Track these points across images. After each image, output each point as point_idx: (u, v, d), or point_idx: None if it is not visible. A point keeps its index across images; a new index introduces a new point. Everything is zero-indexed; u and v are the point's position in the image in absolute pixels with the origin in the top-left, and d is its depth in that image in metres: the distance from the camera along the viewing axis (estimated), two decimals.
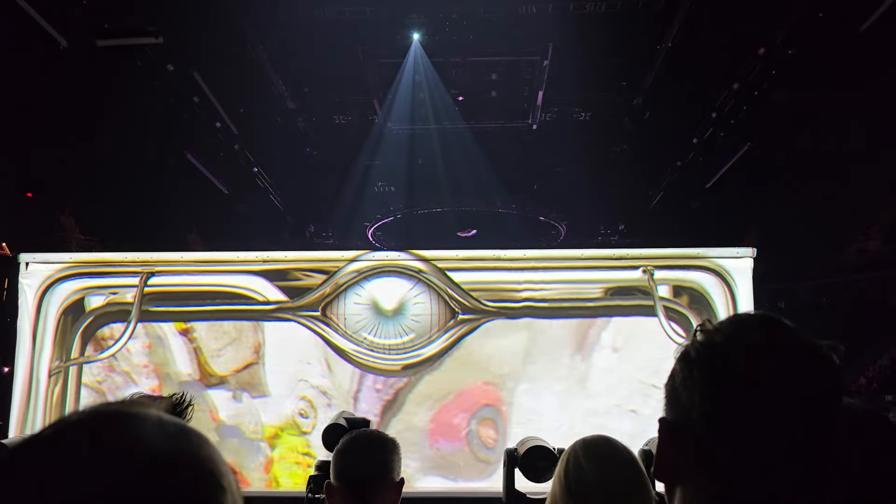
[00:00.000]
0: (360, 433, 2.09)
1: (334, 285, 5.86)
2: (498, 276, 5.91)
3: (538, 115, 7.04)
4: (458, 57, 6.36)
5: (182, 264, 5.94)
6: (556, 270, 5.91)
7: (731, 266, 5.86)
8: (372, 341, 5.82)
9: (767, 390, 0.81)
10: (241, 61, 6.00)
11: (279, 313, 5.85)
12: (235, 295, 5.85)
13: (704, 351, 0.85)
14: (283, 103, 6.67)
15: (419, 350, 5.82)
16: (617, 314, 5.90)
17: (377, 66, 6.44)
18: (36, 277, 5.81)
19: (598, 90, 6.52)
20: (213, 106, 6.49)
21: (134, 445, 0.56)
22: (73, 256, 5.89)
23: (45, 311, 5.80)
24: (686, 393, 0.85)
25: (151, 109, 6.08)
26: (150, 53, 5.70)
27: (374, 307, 5.87)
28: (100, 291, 5.86)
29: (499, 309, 5.87)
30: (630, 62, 6.21)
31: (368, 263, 5.90)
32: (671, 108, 6.57)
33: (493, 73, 6.63)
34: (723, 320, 0.89)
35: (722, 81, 6.43)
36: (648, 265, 5.86)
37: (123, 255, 5.89)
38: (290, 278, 5.90)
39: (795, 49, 5.81)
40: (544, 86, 6.55)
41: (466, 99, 6.97)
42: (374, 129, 7.16)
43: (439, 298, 5.87)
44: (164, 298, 5.87)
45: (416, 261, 5.91)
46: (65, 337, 5.81)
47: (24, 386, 5.71)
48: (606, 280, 5.92)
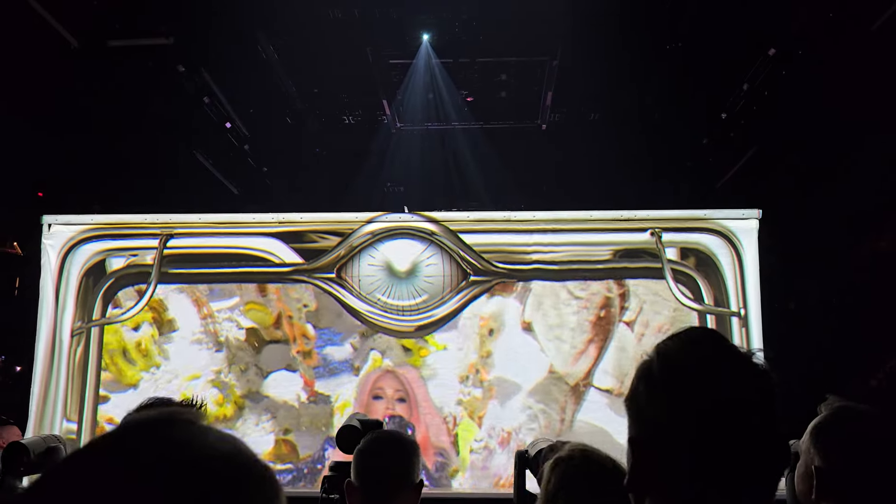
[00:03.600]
0: (382, 434, 2.15)
1: (349, 247, 5.99)
2: (508, 238, 6.04)
3: (548, 116, 7.08)
4: (467, 57, 6.41)
5: (200, 226, 6.08)
6: (565, 233, 6.02)
7: (737, 227, 5.97)
8: (386, 303, 5.96)
9: (729, 404, 0.90)
10: (251, 62, 6.04)
11: (295, 275, 5.99)
12: (253, 257, 5.99)
13: (666, 371, 0.93)
14: (292, 103, 6.72)
15: (432, 311, 5.95)
16: (625, 276, 6.02)
17: (386, 67, 6.47)
18: (58, 239, 5.95)
19: (608, 90, 6.54)
20: (223, 106, 6.56)
21: (205, 448, 0.58)
22: (95, 218, 6.03)
23: (68, 273, 5.94)
24: (651, 411, 0.93)
25: (162, 109, 6.15)
26: (161, 54, 5.78)
27: (388, 269, 6.00)
28: (120, 253, 6.01)
29: (509, 271, 5.99)
30: (640, 62, 6.24)
31: (382, 225, 6.02)
32: (681, 109, 6.59)
33: (503, 74, 6.67)
34: (676, 339, 0.98)
35: (732, 82, 6.45)
36: (657, 227, 5.97)
37: (143, 217, 6.02)
38: (305, 240, 6.03)
39: (806, 49, 5.84)
40: (554, 86, 6.60)
41: (476, 99, 7.02)
42: (383, 129, 7.20)
43: (451, 260, 6.00)
44: (183, 260, 6.01)
45: (428, 223, 6.03)
46: (86, 298, 5.96)
47: (48, 346, 5.86)
48: (615, 242, 6.03)
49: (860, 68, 5.85)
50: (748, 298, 5.91)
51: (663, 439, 0.91)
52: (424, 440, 5.80)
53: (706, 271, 5.99)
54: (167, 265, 5.98)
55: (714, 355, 0.95)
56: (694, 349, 0.95)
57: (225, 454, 0.59)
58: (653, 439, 0.92)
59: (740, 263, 5.95)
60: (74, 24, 5.37)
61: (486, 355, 5.90)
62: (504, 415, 5.82)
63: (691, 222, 6.04)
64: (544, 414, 5.80)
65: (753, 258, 5.94)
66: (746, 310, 5.91)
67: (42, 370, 5.83)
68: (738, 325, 5.91)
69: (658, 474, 0.91)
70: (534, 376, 5.85)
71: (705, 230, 6.01)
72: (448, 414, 5.83)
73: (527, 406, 5.82)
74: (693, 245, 6.01)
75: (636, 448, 0.94)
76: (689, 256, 6.00)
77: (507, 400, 5.83)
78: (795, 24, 5.64)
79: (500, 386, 5.85)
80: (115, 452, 0.57)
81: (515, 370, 5.86)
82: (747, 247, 5.95)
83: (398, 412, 5.86)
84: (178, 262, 6.01)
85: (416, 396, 5.86)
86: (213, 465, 0.57)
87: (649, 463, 0.92)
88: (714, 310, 5.94)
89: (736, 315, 5.93)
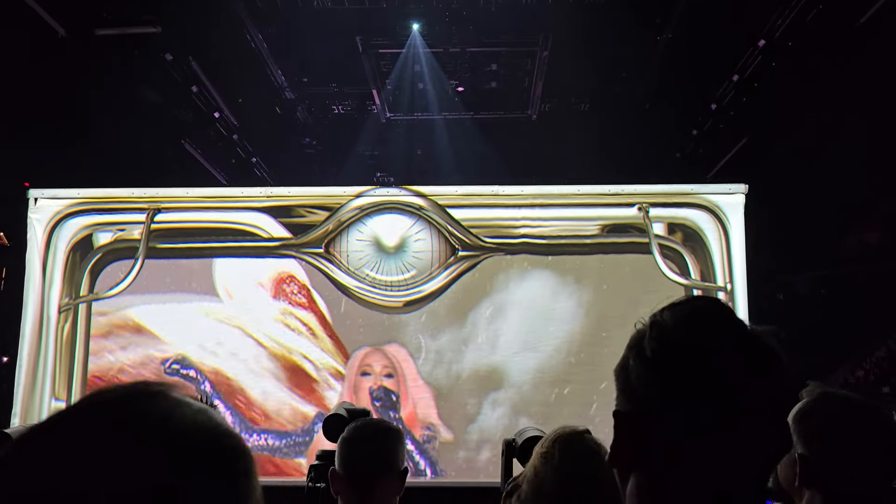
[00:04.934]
0: (367, 422, 2.15)
1: (337, 222, 5.98)
2: (496, 213, 6.05)
3: (537, 106, 7.07)
4: (457, 47, 6.38)
5: (188, 201, 6.05)
6: (553, 208, 6.03)
7: (723, 202, 5.99)
8: (374, 278, 5.96)
9: (724, 385, 0.83)
10: (240, 51, 6.01)
11: (283, 250, 5.98)
12: (241, 232, 5.98)
13: (660, 350, 0.86)
14: (281, 93, 6.69)
15: (420, 286, 5.97)
16: (612, 251, 6.04)
17: (376, 56, 6.45)
18: (45, 213, 5.92)
19: (598, 81, 6.53)
20: (212, 95, 6.52)
21: (183, 421, 0.59)
22: (82, 192, 5.99)
23: (55, 247, 5.91)
24: (643, 389, 0.87)
25: (149, 99, 6.11)
26: (149, 43, 5.73)
27: (377, 244, 6.00)
28: (107, 228, 5.98)
29: (497, 245, 6.01)
30: (630, 53, 6.23)
31: (370, 200, 6.02)
32: (671, 99, 6.61)
33: (493, 64, 6.66)
34: (675, 311, 0.89)
35: (722, 73, 6.46)
36: (644, 202, 5.99)
37: (130, 192, 5.99)
38: (293, 215, 6.02)
39: (795, 41, 5.86)
40: (544, 76, 6.58)
41: (466, 89, 7.00)
42: (373, 119, 7.17)
43: (440, 235, 6.01)
44: (170, 235, 5.99)
45: (416, 198, 6.03)
46: (73, 273, 5.93)
47: (35, 322, 5.83)
48: (603, 217, 6.05)
49: (849, 61, 5.89)
50: (734, 273, 5.95)
51: (652, 416, 0.86)
52: (411, 415, 5.83)
53: (693, 246, 6.02)
54: (154, 240, 5.95)
55: (716, 331, 0.86)
56: (693, 322, 0.87)
57: (202, 426, 0.60)
58: (641, 415, 0.87)
59: (726, 238, 5.98)
60: (61, 12, 5.33)
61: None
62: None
63: (678, 197, 6.06)
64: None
65: (739, 233, 5.97)
66: (732, 284, 5.95)
67: (30, 347, 5.80)
68: (724, 300, 5.94)
69: (644, 451, 0.87)
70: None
71: (692, 205, 6.03)
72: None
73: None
74: (680, 220, 6.04)
75: (622, 422, 0.89)
76: (676, 231, 6.03)
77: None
78: (785, 17, 5.67)
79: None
80: (95, 424, 0.58)
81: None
82: (734, 222, 5.98)
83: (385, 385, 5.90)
84: (165, 236, 5.99)
85: (403, 372, 5.89)
86: (191, 437, 0.59)
87: (635, 439, 0.88)
88: (700, 284, 5.98)
89: (722, 290, 5.97)
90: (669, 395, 0.84)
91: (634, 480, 0.88)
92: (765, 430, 0.85)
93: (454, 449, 5.79)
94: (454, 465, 5.76)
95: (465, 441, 5.78)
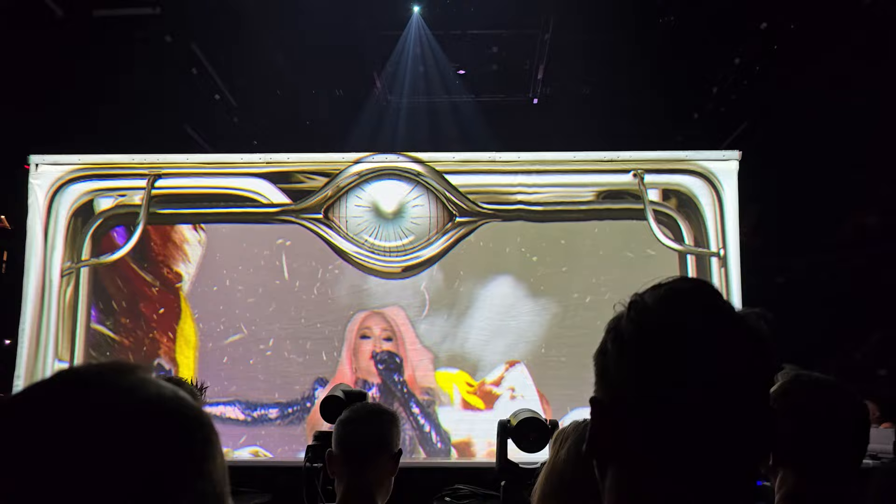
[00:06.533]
0: (363, 405, 2.26)
1: (336, 188, 6.05)
2: (493, 178, 6.11)
3: (539, 89, 7.07)
4: (458, 30, 6.37)
5: (188, 167, 6.11)
6: (549, 174, 6.10)
7: (717, 168, 6.07)
8: (373, 244, 6.04)
9: (705, 367, 0.78)
10: (240, 33, 6.00)
11: (283, 216, 6.05)
12: (240, 198, 6.04)
13: (638, 332, 0.82)
14: (282, 75, 6.68)
15: (418, 252, 6.04)
16: (608, 217, 6.12)
17: (377, 39, 6.43)
18: (46, 178, 5.97)
19: (600, 64, 6.53)
20: (212, 78, 6.52)
21: (149, 396, 0.63)
22: (83, 159, 6.04)
23: (56, 213, 5.97)
24: (619, 375, 0.82)
25: (149, 81, 6.11)
26: (148, 24, 5.73)
27: (375, 210, 6.07)
28: (108, 194, 6.03)
29: (494, 211, 6.08)
30: (631, 36, 6.24)
31: (369, 166, 6.08)
32: (672, 84, 6.62)
33: (494, 47, 6.65)
34: (655, 291, 0.85)
35: (723, 56, 6.46)
36: (639, 169, 6.07)
37: (131, 158, 6.04)
38: (293, 181, 6.08)
39: (798, 23, 5.88)
40: (545, 60, 6.58)
41: (467, 72, 6.99)
42: (374, 101, 7.16)
43: (437, 201, 6.08)
44: (171, 201, 6.06)
45: (414, 164, 6.10)
46: (75, 238, 6.00)
47: (38, 287, 5.91)
48: (598, 184, 6.12)
49: (852, 45, 5.92)
50: (727, 239, 6.03)
51: (629, 404, 0.81)
52: (411, 378, 5.93)
53: (687, 212, 6.09)
54: (155, 205, 6.02)
55: (697, 311, 0.82)
56: (674, 302, 0.83)
57: (167, 399, 0.64)
58: (618, 403, 0.82)
59: (720, 204, 6.05)
60: None
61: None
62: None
63: (673, 163, 6.13)
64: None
65: (733, 199, 6.04)
66: (726, 250, 6.03)
67: (33, 310, 5.88)
68: (717, 266, 6.04)
69: (623, 441, 0.81)
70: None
71: (687, 171, 6.10)
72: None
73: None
74: (674, 186, 6.11)
75: (599, 411, 0.84)
76: (671, 197, 6.11)
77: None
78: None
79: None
80: (62, 398, 0.61)
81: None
82: (727, 188, 6.05)
83: (386, 349, 6.00)
84: (165, 202, 6.05)
85: (402, 336, 5.98)
86: (152, 407, 0.62)
87: (613, 428, 0.83)
88: (694, 250, 6.06)
89: (716, 255, 6.05)
90: (648, 380, 0.80)
91: (613, 473, 0.83)
92: (751, 415, 0.80)
93: (452, 412, 5.90)
94: (458, 430, 5.87)
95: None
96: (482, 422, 5.81)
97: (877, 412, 6.20)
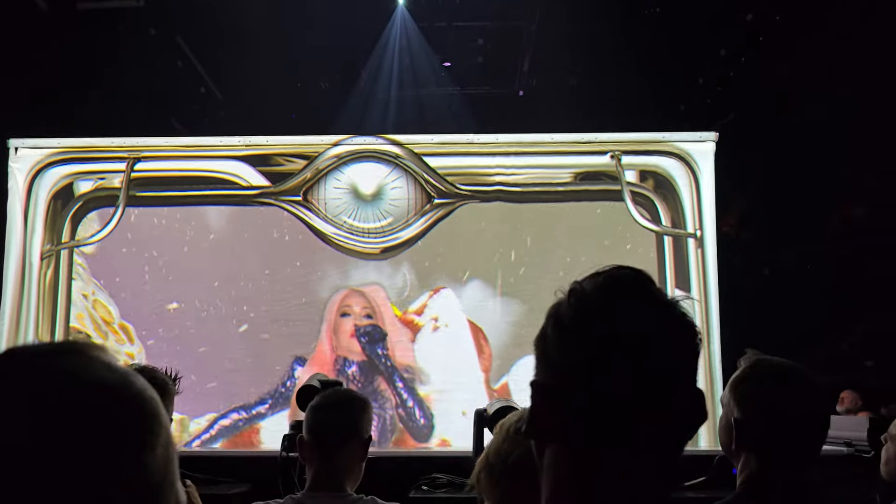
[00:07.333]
0: (333, 391, 2.27)
1: (315, 170, 6.07)
2: (471, 160, 6.15)
3: (525, 82, 7.05)
4: (443, 21, 6.34)
5: (167, 150, 6.13)
6: (527, 156, 6.14)
7: (694, 150, 6.11)
8: (352, 225, 6.08)
9: (638, 352, 0.82)
10: (225, 26, 5.98)
11: (262, 198, 6.08)
12: (219, 180, 6.06)
13: (578, 318, 0.86)
14: (267, 68, 6.65)
15: (397, 234, 6.09)
16: (585, 199, 6.18)
17: (362, 31, 6.40)
18: (25, 162, 5.98)
19: (586, 55, 6.52)
20: (198, 71, 6.49)
21: (90, 379, 0.62)
22: (62, 142, 6.04)
23: (36, 196, 5.99)
24: (559, 358, 0.86)
25: (134, 75, 6.08)
26: (132, 17, 5.70)
27: (354, 192, 6.10)
28: (88, 177, 6.05)
29: (472, 193, 6.12)
30: (617, 27, 6.23)
31: (348, 149, 6.10)
32: (658, 75, 6.61)
33: (480, 39, 6.63)
34: (594, 279, 0.89)
35: (709, 47, 6.45)
36: (616, 150, 6.11)
37: (110, 141, 6.05)
38: (272, 163, 6.10)
39: (783, 15, 5.88)
40: (531, 51, 6.55)
41: (452, 64, 6.96)
42: (359, 94, 7.13)
43: (416, 183, 6.11)
44: (150, 184, 6.07)
45: (393, 146, 6.13)
46: (55, 221, 6.02)
47: (18, 270, 5.94)
48: (576, 165, 6.16)
49: (838, 36, 5.93)
50: (704, 220, 6.09)
51: (565, 385, 0.85)
52: (391, 355, 6.00)
53: (664, 193, 6.14)
54: (135, 188, 6.03)
55: (631, 297, 0.87)
56: (609, 289, 0.87)
57: (110, 384, 0.63)
58: (555, 384, 0.87)
59: (697, 186, 6.10)
60: None
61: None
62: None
63: (650, 145, 6.17)
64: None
65: (710, 180, 6.08)
66: (702, 231, 6.09)
67: (12, 293, 5.92)
68: (693, 247, 6.10)
69: (560, 422, 0.86)
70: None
71: (663, 153, 6.14)
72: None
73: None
74: (652, 168, 6.15)
75: (538, 392, 0.88)
76: (648, 179, 6.15)
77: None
78: None
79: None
80: (2, 377, 0.62)
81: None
82: (704, 169, 6.09)
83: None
84: (145, 185, 6.07)
85: (382, 314, 6.04)
86: (94, 395, 0.62)
87: (550, 410, 0.87)
88: (671, 231, 6.12)
89: (692, 236, 6.11)
90: (584, 363, 0.84)
91: (551, 453, 0.88)
92: (680, 395, 0.85)
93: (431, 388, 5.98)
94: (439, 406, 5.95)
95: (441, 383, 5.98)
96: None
97: (859, 401, 6.32)
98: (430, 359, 5.99)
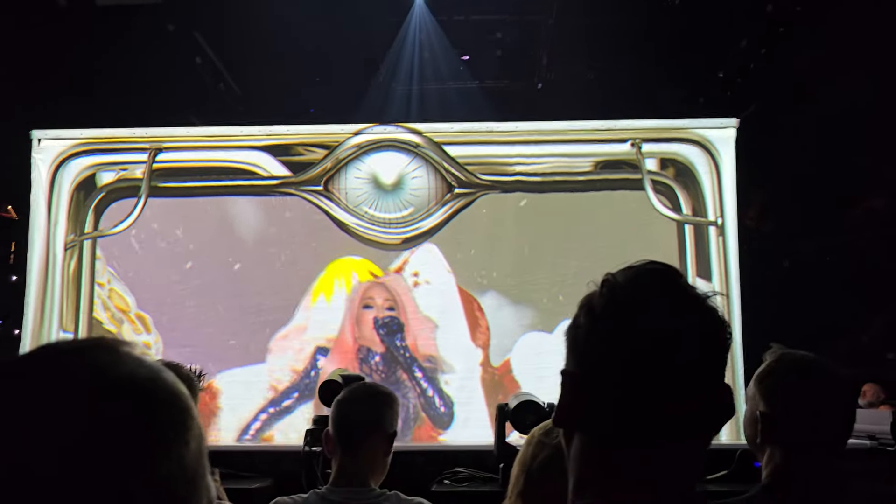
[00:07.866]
0: (360, 385, 2.26)
1: (335, 160, 6.09)
2: (491, 149, 6.15)
3: (544, 75, 7.06)
4: (462, 15, 6.37)
5: (188, 140, 6.17)
6: (547, 144, 6.14)
7: (714, 137, 6.09)
8: (373, 215, 6.09)
9: (668, 345, 0.85)
10: (243, 21, 6.01)
11: (283, 188, 6.10)
12: (240, 171, 6.09)
13: (608, 307, 0.88)
14: (285, 63, 6.68)
15: (418, 223, 6.09)
16: (605, 188, 6.16)
17: (380, 25, 6.43)
18: (48, 153, 6.03)
19: (604, 49, 6.52)
20: (216, 67, 6.53)
21: (122, 374, 0.63)
22: (85, 133, 6.10)
23: (59, 187, 6.04)
24: (590, 347, 0.88)
25: (153, 71, 6.12)
26: (150, 13, 5.75)
27: (374, 182, 6.11)
28: (110, 168, 6.10)
29: (493, 183, 6.12)
30: (636, 20, 6.22)
31: (368, 138, 6.12)
32: (677, 68, 6.60)
33: (498, 32, 6.65)
34: (627, 271, 0.91)
35: (729, 39, 6.44)
36: (636, 138, 6.10)
37: (132, 132, 6.10)
38: (292, 153, 6.13)
39: (803, 5, 5.86)
40: (550, 45, 6.57)
41: (471, 58, 6.97)
42: (377, 88, 7.15)
43: (436, 173, 6.12)
44: (172, 174, 6.11)
45: (413, 135, 6.14)
46: (78, 212, 6.06)
47: (42, 260, 5.99)
48: (596, 154, 6.15)
49: (859, 28, 5.91)
50: (725, 208, 6.06)
51: (596, 376, 0.87)
52: (413, 346, 5.99)
53: (685, 181, 6.12)
54: (157, 179, 6.07)
55: (664, 292, 0.89)
56: (642, 283, 0.89)
57: (141, 380, 0.64)
58: (586, 374, 0.89)
59: (718, 173, 6.07)
60: None
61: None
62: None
63: (670, 132, 6.15)
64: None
65: (731, 168, 6.05)
66: (723, 219, 6.06)
67: (37, 282, 5.96)
68: (714, 235, 6.07)
69: (589, 411, 0.88)
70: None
71: (684, 140, 6.12)
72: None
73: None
74: (672, 155, 6.13)
75: (568, 382, 0.90)
76: (669, 167, 6.13)
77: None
78: None
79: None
80: (35, 375, 0.62)
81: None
82: (725, 156, 6.06)
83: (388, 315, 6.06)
84: (167, 175, 6.11)
85: (404, 305, 6.04)
86: (127, 389, 0.62)
87: (580, 399, 0.89)
88: (692, 219, 6.10)
89: (713, 224, 6.08)
90: (614, 352, 0.86)
91: (579, 441, 0.89)
92: (708, 388, 0.87)
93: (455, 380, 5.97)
94: (460, 395, 5.93)
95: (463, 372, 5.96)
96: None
97: (881, 395, 6.25)
98: (453, 346, 5.98)
